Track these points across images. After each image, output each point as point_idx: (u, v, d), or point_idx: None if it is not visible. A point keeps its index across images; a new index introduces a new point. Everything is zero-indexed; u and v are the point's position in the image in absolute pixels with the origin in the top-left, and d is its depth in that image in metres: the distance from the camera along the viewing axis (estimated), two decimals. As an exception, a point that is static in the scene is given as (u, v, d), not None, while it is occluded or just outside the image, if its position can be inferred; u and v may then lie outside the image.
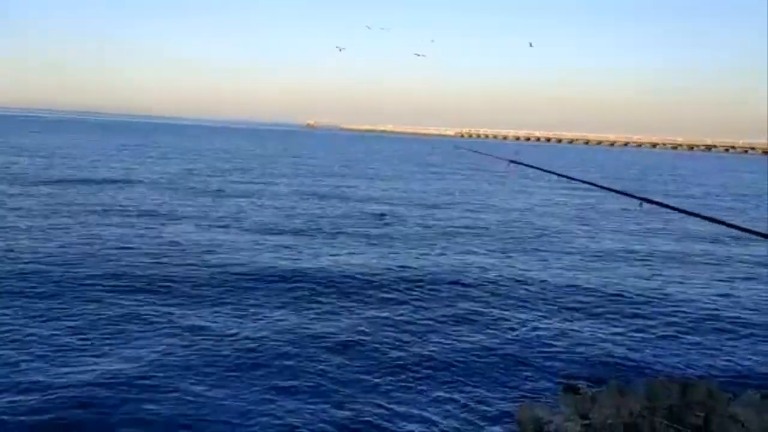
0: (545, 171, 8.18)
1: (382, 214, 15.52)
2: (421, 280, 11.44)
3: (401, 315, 9.37)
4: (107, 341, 7.66)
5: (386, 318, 9.18)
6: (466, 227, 17.73)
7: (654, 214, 19.26)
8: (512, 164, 9.21)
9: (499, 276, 12.12)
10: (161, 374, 6.79)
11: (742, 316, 10.19)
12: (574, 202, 25.81)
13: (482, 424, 6.14)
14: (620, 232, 18.09)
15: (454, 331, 8.77)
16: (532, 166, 9.19)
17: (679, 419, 5.17)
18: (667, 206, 5.36)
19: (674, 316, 10.03)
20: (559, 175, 7.40)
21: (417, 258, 13.38)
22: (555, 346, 8.35)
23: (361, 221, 17.37)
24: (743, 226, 4.09)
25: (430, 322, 9.08)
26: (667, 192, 34.08)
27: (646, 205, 5.36)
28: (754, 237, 3.92)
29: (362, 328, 8.65)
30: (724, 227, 4.30)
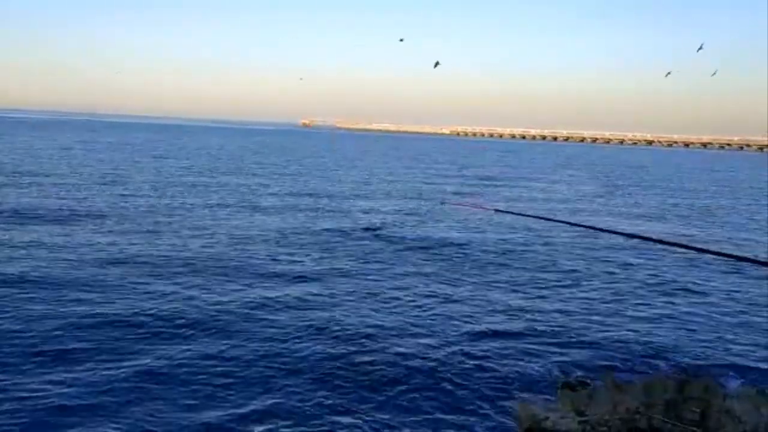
0: (530, 216, 8.28)
1: (375, 229, 15.56)
2: (415, 281, 11.45)
3: (398, 311, 9.38)
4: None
5: (383, 314, 9.19)
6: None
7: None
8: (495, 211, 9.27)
9: (496, 274, 12.15)
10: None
11: (739, 312, 10.24)
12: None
13: (479, 421, 6.14)
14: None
15: (450, 327, 8.77)
16: (518, 213, 9.38)
17: (675, 415, 5.18)
18: (656, 240, 5.45)
19: (672, 312, 10.07)
20: (546, 219, 7.48)
21: (411, 260, 13.39)
22: (552, 343, 8.36)
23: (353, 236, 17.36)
24: (736, 254, 4.14)
25: (428, 318, 9.09)
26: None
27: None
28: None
29: (360, 325, 8.66)
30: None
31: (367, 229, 16.08)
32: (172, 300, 9.41)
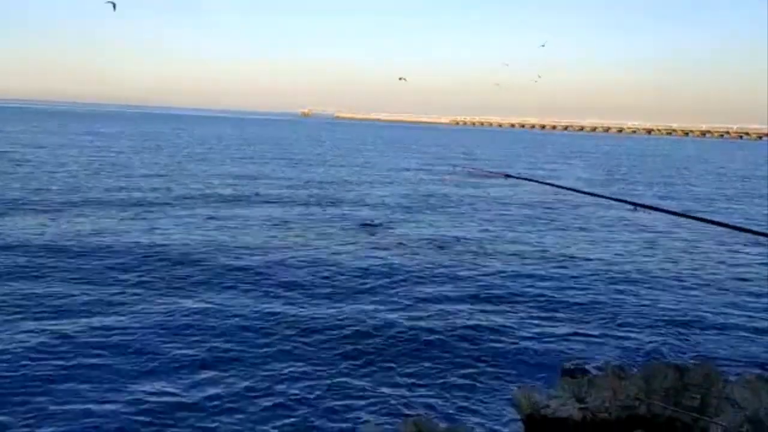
0: (541, 183, 8.27)
1: (373, 224, 15.41)
2: (418, 269, 11.44)
3: (398, 302, 9.37)
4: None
5: (383, 305, 9.18)
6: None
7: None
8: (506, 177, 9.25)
9: (496, 265, 12.14)
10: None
11: (738, 301, 10.24)
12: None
13: (479, 408, 6.15)
14: (612, 227, 18.12)
15: (451, 316, 8.77)
16: (528, 179, 9.44)
17: (676, 401, 5.17)
18: (660, 210, 5.44)
19: (673, 296, 10.08)
20: (554, 185, 7.49)
21: (414, 247, 13.38)
22: (553, 331, 8.37)
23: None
24: (736, 225, 4.10)
25: (427, 308, 9.09)
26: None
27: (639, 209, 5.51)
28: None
29: (361, 314, 8.65)
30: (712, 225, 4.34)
31: (366, 224, 16.02)
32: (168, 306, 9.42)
